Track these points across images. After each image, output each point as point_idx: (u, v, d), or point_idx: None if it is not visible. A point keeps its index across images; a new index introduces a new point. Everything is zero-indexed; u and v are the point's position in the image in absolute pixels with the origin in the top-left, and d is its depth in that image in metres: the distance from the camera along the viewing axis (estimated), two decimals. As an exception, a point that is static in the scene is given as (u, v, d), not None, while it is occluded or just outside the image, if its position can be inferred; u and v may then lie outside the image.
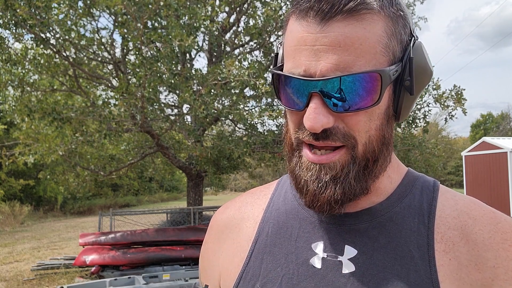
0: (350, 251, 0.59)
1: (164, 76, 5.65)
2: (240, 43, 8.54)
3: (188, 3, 6.18)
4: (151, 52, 5.80)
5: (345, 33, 0.52)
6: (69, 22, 5.97)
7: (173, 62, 5.87)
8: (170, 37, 5.16)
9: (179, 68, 6.50)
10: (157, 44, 5.66)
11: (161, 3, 5.13)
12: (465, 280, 0.55)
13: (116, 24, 6.83)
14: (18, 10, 5.20)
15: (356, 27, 0.53)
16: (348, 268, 0.58)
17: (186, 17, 5.85)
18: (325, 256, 0.60)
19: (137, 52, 5.67)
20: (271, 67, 0.67)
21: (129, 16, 5.37)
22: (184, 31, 5.35)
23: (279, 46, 0.66)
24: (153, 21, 5.61)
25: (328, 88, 0.53)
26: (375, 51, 0.54)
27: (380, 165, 0.59)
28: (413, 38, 0.59)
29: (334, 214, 0.62)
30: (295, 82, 0.55)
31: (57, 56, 6.78)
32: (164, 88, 7.69)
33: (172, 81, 5.77)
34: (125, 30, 5.65)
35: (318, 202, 0.57)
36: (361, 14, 0.53)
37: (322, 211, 0.58)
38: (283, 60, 0.62)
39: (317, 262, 0.60)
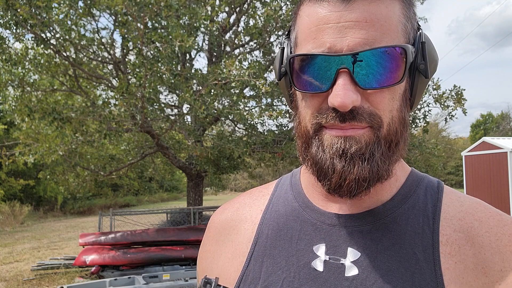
0: (353, 254, 0.58)
1: (164, 76, 5.65)
2: (240, 43, 8.54)
3: (188, 3, 6.18)
4: (151, 52, 5.80)
5: (370, 10, 0.53)
6: (69, 22, 5.98)
7: (174, 62, 5.87)
8: (170, 37, 5.16)
9: (179, 68, 6.51)
10: (157, 44, 5.66)
11: (162, 4, 5.13)
12: (471, 284, 0.53)
13: (117, 24, 6.83)
14: (18, 10, 5.20)
15: (379, 5, 0.53)
16: (351, 271, 0.57)
17: (186, 17, 5.86)
18: (327, 259, 0.59)
19: (137, 52, 5.67)
20: (274, 64, 0.66)
21: (130, 17, 5.37)
22: (184, 31, 5.36)
23: (285, 40, 0.64)
24: (154, 22, 5.61)
25: (356, 63, 0.52)
26: (397, 30, 0.54)
27: (400, 148, 0.58)
28: (419, 28, 0.60)
29: (340, 213, 0.61)
30: (320, 60, 0.54)
31: (57, 56, 6.78)
32: (164, 88, 7.69)
33: (172, 81, 5.77)
34: (125, 30, 5.65)
35: (346, 181, 0.54)
36: None
37: (350, 191, 0.55)
38: (295, 48, 0.61)
39: (319, 265, 0.59)
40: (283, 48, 0.63)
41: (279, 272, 0.61)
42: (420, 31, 0.58)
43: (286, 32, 0.65)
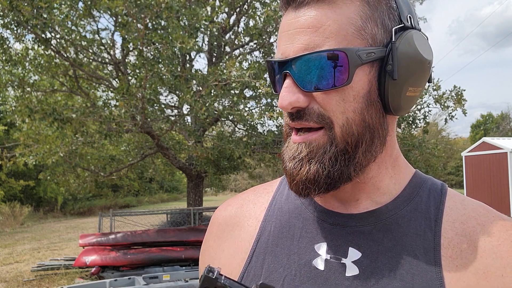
0: (354, 254, 0.58)
1: (164, 77, 5.65)
2: (240, 43, 8.55)
3: (188, 4, 6.19)
4: (151, 53, 5.80)
5: (315, 16, 0.55)
6: (69, 23, 5.98)
7: (174, 63, 5.88)
8: (171, 38, 5.17)
9: (179, 69, 6.51)
10: (157, 45, 5.66)
11: (163, 5, 5.14)
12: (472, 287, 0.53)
13: (117, 25, 6.84)
14: (21, 11, 5.22)
15: (326, 10, 0.55)
16: (351, 271, 0.57)
17: (186, 18, 5.86)
18: (328, 258, 0.59)
19: (138, 54, 5.68)
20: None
21: (130, 18, 5.38)
22: (185, 32, 5.36)
23: None
24: (154, 23, 5.62)
25: (297, 67, 0.55)
26: (345, 33, 0.54)
27: (363, 151, 0.57)
28: (405, 27, 0.58)
29: (342, 212, 0.62)
30: (274, 66, 0.59)
31: (57, 57, 6.79)
32: (164, 89, 7.69)
33: (173, 83, 5.77)
34: (125, 32, 5.66)
35: (294, 181, 0.58)
36: None
37: (298, 191, 0.58)
38: None
39: (320, 264, 0.59)
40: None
41: (280, 269, 0.61)
42: (396, 31, 0.57)
43: None
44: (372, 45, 0.56)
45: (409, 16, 0.60)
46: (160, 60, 5.47)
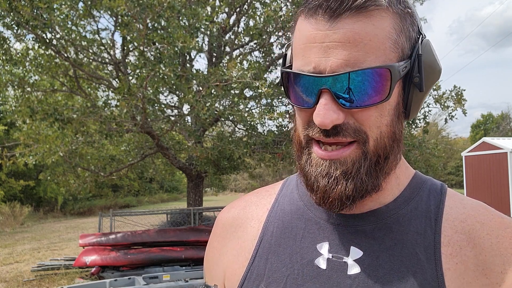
0: (355, 252, 0.59)
1: (165, 77, 5.66)
2: (240, 43, 8.55)
3: (188, 4, 6.19)
4: (151, 53, 5.80)
5: (354, 29, 0.53)
6: (69, 23, 5.98)
7: (175, 63, 5.88)
8: (172, 38, 5.18)
9: (179, 69, 6.51)
10: (158, 45, 5.66)
11: (165, 5, 5.14)
12: (472, 284, 0.54)
13: (118, 25, 6.83)
14: (21, 12, 5.22)
15: (365, 23, 0.53)
16: (353, 269, 0.58)
17: (186, 18, 5.86)
18: (330, 257, 0.60)
19: (139, 54, 5.68)
20: (280, 67, 0.67)
21: (131, 18, 5.38)
22: (186, 32, 5.36)
23: (287, 47, 0.66)
24: (154, 23, 5.62)
25: (337, 84, 0.53)
26: (384, 47, 0.54)
27: (391, 162, 0.59)
28: (421, 36, 0.59)
29: (344, 213, 0.62)
30: (304, 79, 0.55)
31: (57, 57, 6.79)
32: (164, 89, 7.70)
33: (174, 83, 5.78)
34: (126, 31, 5.66)
35: (329, 199, 0.56)
36: (369, 10, 0.53)
37: (332, 207, 0.57)
38: (291, 60, 0.62)
39: (322, 263, 0.60)
40: (285, 55, 0.65)
41: (283, 269, 0.62)
42: (419, 42, 0.58)
43: (291, 35, 0.66)
44: (403, 58, 0.56)
45: (421, 25, 0.61)
46: (161, 60, 5.48)
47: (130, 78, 6.75)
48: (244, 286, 0.64)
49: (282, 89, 0.65)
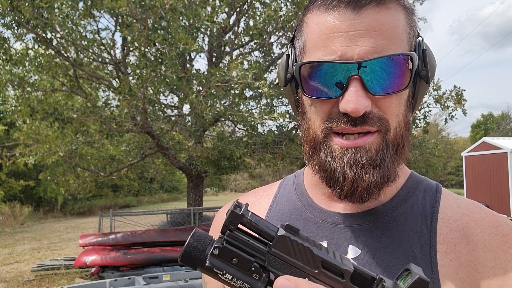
0: (353, 251, 0.60)
1: (167, 78, 5.66)
2: (240, 43, 8.54)
3: (189, 4, 6.19)
4: (151, 53, 5.80)
5: (378, 19, 0.55)
6: (70, 22, 5.98)
7: (176, 63, 5.88)
8: (173, 40, 5.18)
9: (179, 70, 6.52)
10: (158, 45, 5.66)
11: (167, 6, 5.15)
12: (464, 280, 0.56)
13: (118, 25, 6.83)
14: (22, 11, 5.23)
15: (386, 15, 0.56)
16: None
17: (186, 18, 5.86)
18: None
19: (141, 54, 5.68)
20: (279, 70, 0.68)
21: (133, 19, 5.38)
22: (186, 33, 5.37)
23: (290, 47, 0.66)
24: (155, 24, 5.63)
25: (367, 70, 0.54)
26: (403, 38, 0.57)
27: (405, 151, 0.61)
28: (419, 34, 0.62)
29: (342, 212, 0.63)
30: (329, 68, 0.56)
31: (57, 56, 6.78)
32: (165, 89, 7.70)
33: (176, 83, 5.78)
34: (127, 32, 5.66)
35: (358, 189, 0.56)
36: (388, 3, 0.56)
37: (362, 197, 0.57)
38: (302, 55, 0.62)
39: None
40: (288, 55, 0.65)
41: None
42: (420, 38, 0.61)
43: (291, 39, 0.67)
44: (412, 51, 0.59)
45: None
46: (161, 61, 5.48)
47: (131, 78, 6.75)
48: None
49: (289, 87, 0.65)
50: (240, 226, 0.44)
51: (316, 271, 0.42)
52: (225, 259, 0.42)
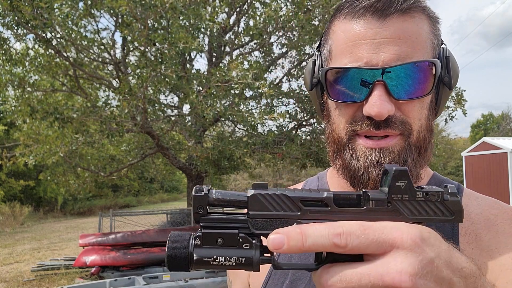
0: None
1: (167, 78, 5.66)
2: (240, 43, 8.54)
3: (189, 4, 6.19)
4: (152, 53, 5.80)
5: (403, 27, 0.58)
6: (70, 22, 5.98)
7: (176, 63, 5.89)
8: (173, 39, 5.18)
9: (179, 69, 6.52)
10: (158, 45, 5.66)
11: (167, 6, 5.15)
12: (486, 264, 0.59)
13: (118, 25, 6.83)
14: (22, 11, 5.23)
15: (411, 23, 0.59)
16: None
17: (187, 18, 5.86)
18: None
19: (141, 54, 5.68)
20: (305, 75, 0.71)
21: (133, 18, 5.38)
22: (187, 33, 5.37)
23: (316, 53, 0.70)
24: (155, 23, 5.63)
25: (391, 76, 0.57)
26: (426, 46, 0.60)
27: (428, 154, 0.64)
28: (443, 42, 0.65)
29: None
30: (355, 74, 0.59)
31: (57, 56, 6.78)
32: (165, 89, 7.70)
33: (176, 83, 5.78)
34: (127, 31, 5.66)
35: None
36: (412, 12, 0.59)
37: None
38: (329, 61, 0.65)
39: None
40: (315, 60, 0.69)
41: (306, 260, 0.65)
42: (444, 45, 0.64)
43: (317, 46, 0.71)
44: (437, 58, 0.62)
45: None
46: (161, 60, 5.48)
47: (131, 78, 6.75)
48: (269, 283, 0.67)
49: (314, 91, 0.68)
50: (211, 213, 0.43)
51: (299, 213, 0.42)
52: (210, 244, 0.41)
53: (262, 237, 0.42)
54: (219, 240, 0.41)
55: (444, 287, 0.37)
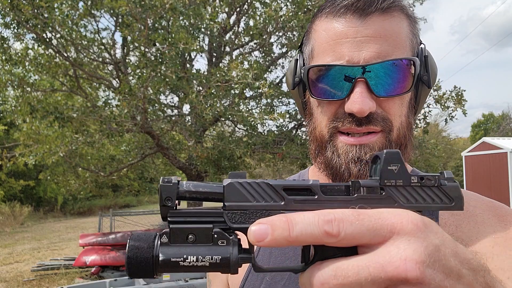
0: None
1: (167, 78, 5.66)
2: (240, 43, 8.54)
3: (189, 4, 6.19)
4: (151, 53, 5.80)
5: (384, 26, 0.59)
6: (69, 22, 5.98)
7: (177, 63, 5.89)
8: (174, 39, 5.18)
9: (179, 69, 6.52)
10: (158, 45, 5.66)
11: (167, 6, 5.15)
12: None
13: (118, 25, 6.83)
14: (22, 10, 5.23)
15: (391, 22, 0.60)
16: None
17: (188, 19, 5.86)
18: None
19: (141, 54, 5.68)
20: (287, 74, 0.72)
21: (133, 18, 5.38)
22: (187, 33, 5.37)
23: (298, 52, 0.71)
24: (155, 23, 5.63)
25: (372, 74, 0.58)
26: (406, 45, 0.61)
27: (408, 151, 0.65)
28: (421, 42, 0.66)
29: None
30: (337, 71, 0.60)
31: (57, 56, 6.78)
32: (164, 88, 7.70)
33: (176, 83, 5.78)
34: (127, 31, 5.66)
35: None
36: (392, 11, 0.60)
37: None
38: (311, 59, 0.66)
39: None
40: (296, 60, 0.69)
41: (287, 261, 0.65)
42: (422, 45, 0.65)
43: (299, 45, 0.72)
44: (415, 57, 0.63)
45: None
46: (161, 61, 5.48)
47: (131, 78, 6.75)
48: (248, 279, 0.66)
49: (297, 90, 0.68)
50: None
51: (283, 203, 0.37)
52: (179, 242, 0.36)
53: (240, 233, 0.37)
54: (190, 236, 0.36)
55: (453, 279, 0.32)
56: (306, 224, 0.32)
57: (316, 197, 0.37)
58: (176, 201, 0.38)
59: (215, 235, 0.36)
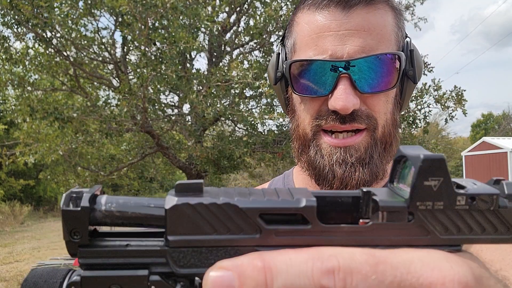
0: None
1: (166, 78, 5.66)
2: (240, 43, 8.54)
3: (189, 3, 6.19)
4: (151, 52, 5.80)
5: (368, 19, 0.56)
6: (69, 22, 5.99)
7: (177, 62, 5.89)
8: (174, 39, 5.18)
9: (179, 68, 6.52)
10: (158, 44, 5.67)
11: (168, 6, 5.15)
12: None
13: (118, 24, 6.83)
14: (21, 10, 5.23)
15: (375, 15, 0.57)
16: None
17: (187, 18, 5.87)
18: None
19: (142, 54, 5.68)
20: (269, 69, 0.68)
21: (133, 18, 5.38)
22: (187, 33, 5.37)
23: (280, 46, 0.67)
24: (157, 23, 5.63)
25: (355, 69, 0.55)
26: (391, 38, 0.58)
27: (394, 149, 0.62)
28: (407, 35, 0.63)
29: None
30: (319, 67, 0.56)
31: (57, 56, 6.79)
32: (165, 88, 7.71)
33: (176, 83, 5.79)
34: (127, 31, 5.66)
35: (347, 186, 0.57)
36: (377, 3, 0.57)
37: None
38: (292, 54, 0.63)
39: None
40: (278, 53, 0.66)
41: None
42: (408, 39, 0.62)
43: (281, 38, 0.68)
44: (400, 51, 0.60)
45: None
46: (161, 60, 5.48)
47: (131, 77, 6.75)
48: None
49: (279, 85, 0.65)
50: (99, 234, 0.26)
51: (259, 235, 0.23)
52: None
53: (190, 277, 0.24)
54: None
55: None
56: (294, 273, 0.20)
57: (309, 226, 0.24)
58: (92, 228, 0.25)
59: (152, 286, 0.24)
